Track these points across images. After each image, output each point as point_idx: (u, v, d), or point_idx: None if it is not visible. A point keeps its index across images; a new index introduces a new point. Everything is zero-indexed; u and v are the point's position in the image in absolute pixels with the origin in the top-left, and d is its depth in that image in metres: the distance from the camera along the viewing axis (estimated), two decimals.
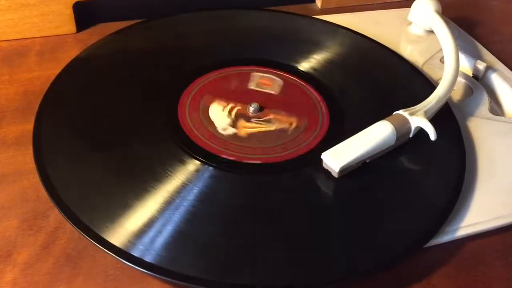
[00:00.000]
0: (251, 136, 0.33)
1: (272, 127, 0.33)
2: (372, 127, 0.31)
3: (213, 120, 0.33)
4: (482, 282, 0.28)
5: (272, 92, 0.36)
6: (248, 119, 0.34)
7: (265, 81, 0.37)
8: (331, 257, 0.26)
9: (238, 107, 0.34)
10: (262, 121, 0.34)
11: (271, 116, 0.34)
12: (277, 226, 0.27)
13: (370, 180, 0.30)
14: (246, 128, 0.33)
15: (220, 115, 0.34)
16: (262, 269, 0.25)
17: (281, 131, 0.33)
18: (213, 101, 0.35)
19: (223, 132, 0.32)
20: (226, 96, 0.35)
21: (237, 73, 0.38)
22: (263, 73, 0.38)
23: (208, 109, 0.34)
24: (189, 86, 0.36)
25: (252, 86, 0.37)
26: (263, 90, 0.36)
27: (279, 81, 0.37)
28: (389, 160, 0.31)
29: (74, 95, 0.34)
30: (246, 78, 0.37)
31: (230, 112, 0.34)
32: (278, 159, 0.31)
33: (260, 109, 0.34)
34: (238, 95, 0.36)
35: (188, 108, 0.34)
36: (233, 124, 0.33)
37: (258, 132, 0.33)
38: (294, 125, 0.34)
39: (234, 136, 0.32)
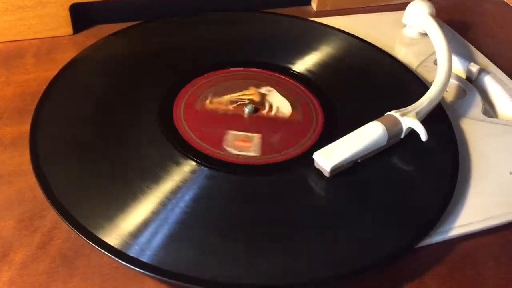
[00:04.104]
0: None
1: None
2: (364, 128, 0.31)
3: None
4: (475, 282, 0.28)
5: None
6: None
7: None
8: (322, 257, 0.26)
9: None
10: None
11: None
12: (271, 226, 0.28)
13: (361, 180, 0.30)
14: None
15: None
16: (257, 268, 0.26)
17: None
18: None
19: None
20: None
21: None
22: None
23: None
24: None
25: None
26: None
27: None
28: (381, 160, 0.31)
29: (70, 97, 0.34)
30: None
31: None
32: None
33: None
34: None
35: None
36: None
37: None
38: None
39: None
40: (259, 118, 0.34)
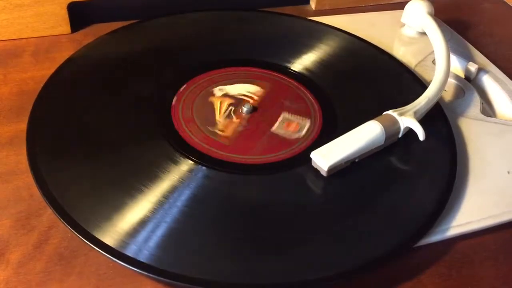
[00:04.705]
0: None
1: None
2: (361, 127, 0.31)
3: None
4: (473, 281, 0.28)
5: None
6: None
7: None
8: (320, 256, 0.26)
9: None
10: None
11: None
12: (268, 225, 0.28)
13: (359, 180, 0.30)
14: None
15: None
16: (254, 267, 0.26)
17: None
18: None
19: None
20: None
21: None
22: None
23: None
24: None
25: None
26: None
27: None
28: (378, 160, 0.31)
29: (68, 95, 0.34)
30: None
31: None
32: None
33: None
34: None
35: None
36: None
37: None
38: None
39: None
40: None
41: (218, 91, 0.36)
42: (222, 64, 0.38)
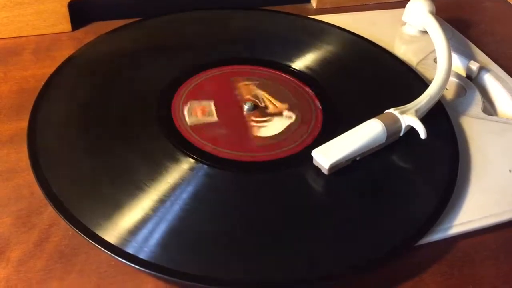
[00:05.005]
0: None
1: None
2: (363, 125, 0.31)
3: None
4: (474, 280, 0.28)
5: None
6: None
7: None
8: (320, 255, 0.26)
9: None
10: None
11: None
12: (269, 223, 0.28)
13: (360, 178, 0.30)
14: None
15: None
16: (254, 265, 0.26)
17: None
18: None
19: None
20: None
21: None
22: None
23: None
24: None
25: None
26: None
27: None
28: (380, 158, 0.31)
29: (68, 94, 0.34)
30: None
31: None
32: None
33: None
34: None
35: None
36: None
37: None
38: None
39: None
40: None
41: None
42: (222, 63, 0.38)
